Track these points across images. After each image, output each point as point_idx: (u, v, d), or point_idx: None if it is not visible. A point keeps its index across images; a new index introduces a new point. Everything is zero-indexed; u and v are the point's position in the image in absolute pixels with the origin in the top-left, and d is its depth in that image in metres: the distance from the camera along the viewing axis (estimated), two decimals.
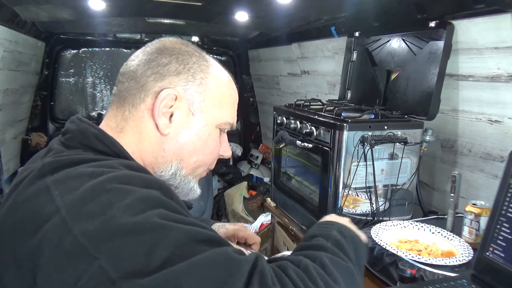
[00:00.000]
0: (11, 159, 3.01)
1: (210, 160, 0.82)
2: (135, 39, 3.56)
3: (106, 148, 0.69)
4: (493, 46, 1.34)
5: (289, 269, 0.60)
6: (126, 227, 0.53)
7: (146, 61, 0.75)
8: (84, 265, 0.51)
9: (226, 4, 2.25)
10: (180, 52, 0.76)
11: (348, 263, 0.69)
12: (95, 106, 3.70)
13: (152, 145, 0.75)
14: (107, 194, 0.56)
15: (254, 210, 3.30)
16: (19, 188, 0.63)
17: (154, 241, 0.53)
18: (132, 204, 0.56)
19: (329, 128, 1.45)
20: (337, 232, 0.75)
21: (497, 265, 0.97)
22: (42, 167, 0.63)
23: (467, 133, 1.56)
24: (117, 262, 0.51)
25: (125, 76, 0.76)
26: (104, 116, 0.78)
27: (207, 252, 0.54)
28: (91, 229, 0.53)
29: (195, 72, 0.75)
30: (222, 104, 0.79)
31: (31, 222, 0.57)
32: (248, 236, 1.04)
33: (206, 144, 0.78)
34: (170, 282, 0.51)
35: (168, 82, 0.73)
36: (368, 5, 1.85)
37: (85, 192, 0.56)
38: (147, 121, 0.74)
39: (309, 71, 2.76)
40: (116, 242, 0.52)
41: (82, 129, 0.70)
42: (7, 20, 2.23)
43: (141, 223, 0.54)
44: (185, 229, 0.56)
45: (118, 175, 0.60)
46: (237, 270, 0.54)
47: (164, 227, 0.54)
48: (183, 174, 0.78)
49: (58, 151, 0.68)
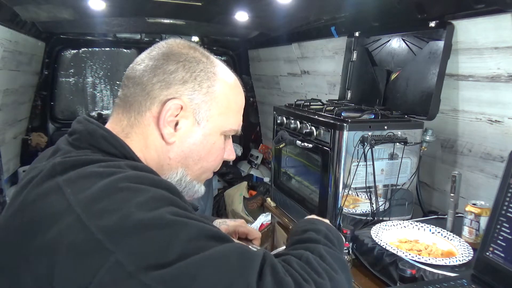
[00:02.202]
0: (11, 159, 3.01)
1: (214, 166, 0.83)
2: (135, 39, 3.56)
3: (115, 149, 0.69)
4: (493, 46, 1.34)
5: (293, 262, 0.64)
6: (142, 222, 0.54)
7: (153, 67, 0.74)
8: (101, 260, 0.52)
9: (226, 4, 2.25)
10: (187, 58, 0.75)
11: (341, 254, 0.75)
12: (95, 106, 3.70)
13: (157, 153, 0.75)
14: (121, 193, 0.58)
15: (254, 210, 3.30)
16: (28, 188, 0.63)
17: (170, 235, 0.54)
18: (146, 201, 0.57)
19: (329, 128, 1.45)
20: (324, 227, 0.80)
21: (497, 265, 0.97)
22: (52, 167, 0.63)
23: (467, 133, 1.56)
24: (133, 256, 0.52)
25: (130, 80, 0.75)
26: (109, 119, 0.78)
27: (220, 246, 0.56)
28: (107, 225, 0.54)
29: (201, 81, 0.74)
30: (228, 112, 0.79)
31: (43, 221, 0.57)
32: (248, 231, 1.06)
33: (211, 152, 0.79)
34: (185, 274, 0.52)
35: (174, 91, 0.73)
36: (368, 5, 1.85)
37: (99, 191, 0.57)
38: (152, 129, 0.74)
39: (309, 71, 2.76)
40: (133, 236, 0.53)
41: (90, 130, 0.70)
42: (7, 20, 2.23)
43: (157, 219, 0.55)
44: (197, 225, 0.58)
45: (128, 175, 0.61)
46: (250, 263, 0.57)
47: (178, 222, 0.56)
48: (188, 180, 0.79)
49: (66, 151, 0.68)
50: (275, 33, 2.92)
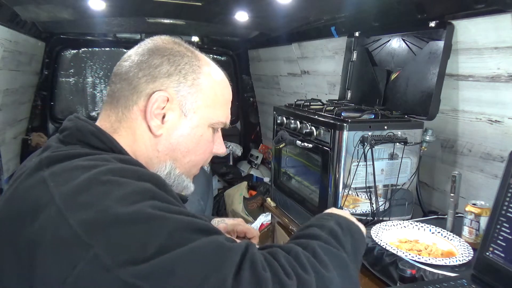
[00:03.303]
0: (11, 159, 3.01)
1: (203, 160, 0.83)
2: (135, 39, 3.55)
3: (102, 144, 0.71)
4: (493, 46, 1.34)
5: (279, 255, 0.61)
6: (120, 217, 0.54)
7: (138, 62, 0.75)
8: (80, 253, 0.52)
9: (226, 4, 2.25)
10: (172, 52, 0.76)
11: (341, 252, 0.69)
12: (95, 106, 3.70)
13: (146, 146, 0.76)
14: (103, 186, 0.58)
15: (254, 210, 3.29)
16: (16, 183, 0.64)
17: (148, 230, 0.54)
18: (127, 195, 0.57)
19: (329, 128, 1.45)
20: (334, 223, 0.75)
21: (497, 265, 0.97)
22: (39, 162, 0.64)
23: (467, 133, 1.56)
24: (111, 251, 0.52)
25: (117, 76, 0.77)
26: (99, 116, 0.79)
27: (198, 240, 0.55)
28: (86, 218, 0.54)
29: (186, 73, 0.76)
30: (215, 104, 0.80)
31: (29, 213, 0.58)
32: (247, 230, 1.06)
33: (199, 145, 0.79)
34: (163, 269, 0.52)
35: (159, 84, 0.74)
36: (368, 5, 1.85)
37: (80, 184, 0.58)
38: (140, 123, 0.75)
39: (309, 71, 2.76)
40: (111, 231, 0.53)
41: (79, 127, 0.72)
42: (7, 20, 2.23)
43: (136, 213, 0.55)
44: (178, 219, 0.57)
45: (112, 168, 0.62)
46: (228, 257, 0.55)
47: (157, 217, 0.56)
48: (177, 173, 0.79)
49: (56, 147, 0.70)
50: (275, 33, 2.92)
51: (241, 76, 4.03)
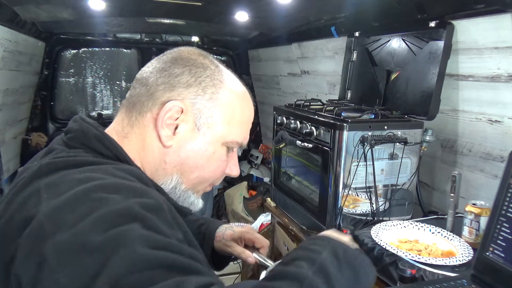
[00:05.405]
0: (11, 159, 3.01)
1: (212, 178, 0.80)
2: (135, 39, 3.56)
3: (107, 150, 0.69)
4: (493, 46, 1.34)
5: None
6: (88, 245, 0.51)
7: (159, 69, 0.74)
8: (48, 276, 0.51)
9: (226, 4, 2.25)
10: (195, 64, 0.74)
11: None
12: (95, 106, 3.70)
13: (154, 156, 0.74)
14: (88, 203, 0.55)
15: (254, 210, 3.29)
16: (15, 190, 0.63)
17: (106, 262, 0.49)
18: (107, 217, 0.53)
19: (329, 128, 1.45)
20: (329, 253, 0.63)
21: (497, 265, 0.97)
22: (39, 168, 0.63)
23: (467, 133, 1.56)
24: (72, 279, 0.50)
25: (138, 82, 0.76)
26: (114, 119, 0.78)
27: (160, 283, 0.49)
28: (60, 241, 0.52)
29: (206, 86, 0.73)
30: (232, 122, 0.76)
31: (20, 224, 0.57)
32: (255, 239, 1.02)
33: (209, 162, 0.76)
34: None
35: (177, 93, 0.72)
36: (368, 5, 1.85)
37: (67, 199, 0.56)
38: (151, 131, 0.73)
39: (309, 71, 2.76)
40: (76, 258, 0.51)
41: (84, 130, 0.70)
42: (7, 20, 2.22)
43: (105, 241, 0.51)
44: (148, 254, 0.51)
45: (105, 184, 0.58)
46: None
47: (126, 247, 0.51)
48: (183, 189, 0.76)
49: (59, 151, 0.68)
50: (275, 33, 2.92)
51: (241, 76, 4.03)
